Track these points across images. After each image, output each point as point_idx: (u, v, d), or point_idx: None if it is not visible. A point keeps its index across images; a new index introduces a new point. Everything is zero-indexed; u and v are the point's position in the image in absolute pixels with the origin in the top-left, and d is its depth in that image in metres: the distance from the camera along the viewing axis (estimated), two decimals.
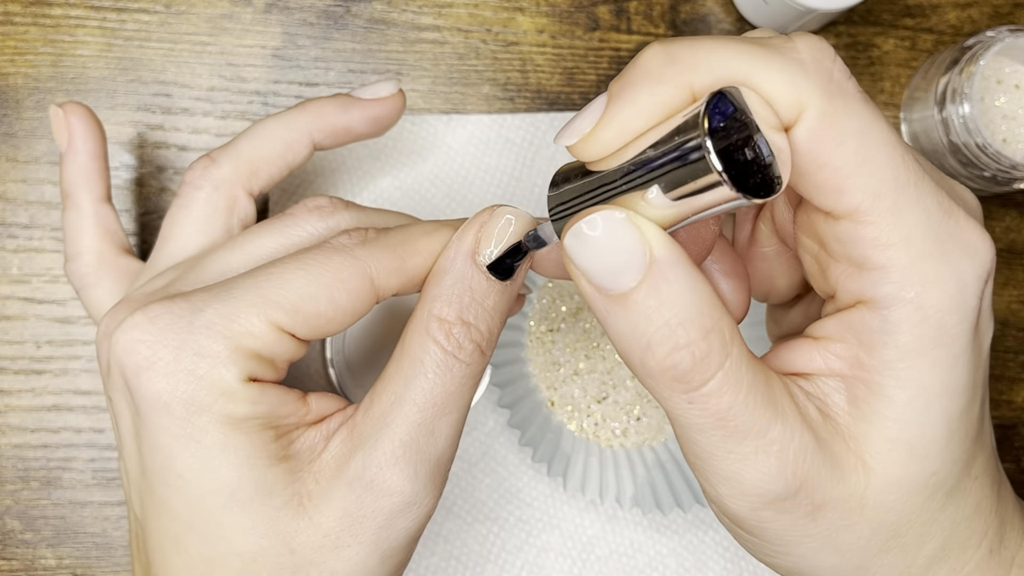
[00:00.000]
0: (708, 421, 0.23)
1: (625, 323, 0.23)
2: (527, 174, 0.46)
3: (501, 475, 0.45)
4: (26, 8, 0.45)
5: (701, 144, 0.20)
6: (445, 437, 0.27)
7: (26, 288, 0.44)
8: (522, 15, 0.47)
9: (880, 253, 0.23)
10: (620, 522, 0.45)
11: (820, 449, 0.23)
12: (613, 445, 0.45)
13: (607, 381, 0.45)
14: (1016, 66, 0.45)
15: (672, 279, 0.22)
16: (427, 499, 0.27)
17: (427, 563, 0.45)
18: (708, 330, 0.22)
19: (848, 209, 0.23)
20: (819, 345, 0.25)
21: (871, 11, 0.48)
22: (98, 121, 0.38)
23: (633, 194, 0.22)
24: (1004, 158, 0.43)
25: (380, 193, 0.46)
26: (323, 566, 0.26)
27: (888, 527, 0.24)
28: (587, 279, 0.23)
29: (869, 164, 0.22)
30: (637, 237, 0.22)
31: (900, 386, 0.23)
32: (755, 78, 0.22)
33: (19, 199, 0.44)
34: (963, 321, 0.23)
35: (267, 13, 0.46)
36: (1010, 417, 0.48)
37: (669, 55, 0.22)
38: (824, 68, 0.22)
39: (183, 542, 0.27)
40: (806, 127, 0.22)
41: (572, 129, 0.23)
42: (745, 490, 0.23)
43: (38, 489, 0.44)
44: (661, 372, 0.22)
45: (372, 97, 0.38)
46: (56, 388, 0.44)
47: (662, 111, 0.22)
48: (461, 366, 0.26)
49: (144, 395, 0.26)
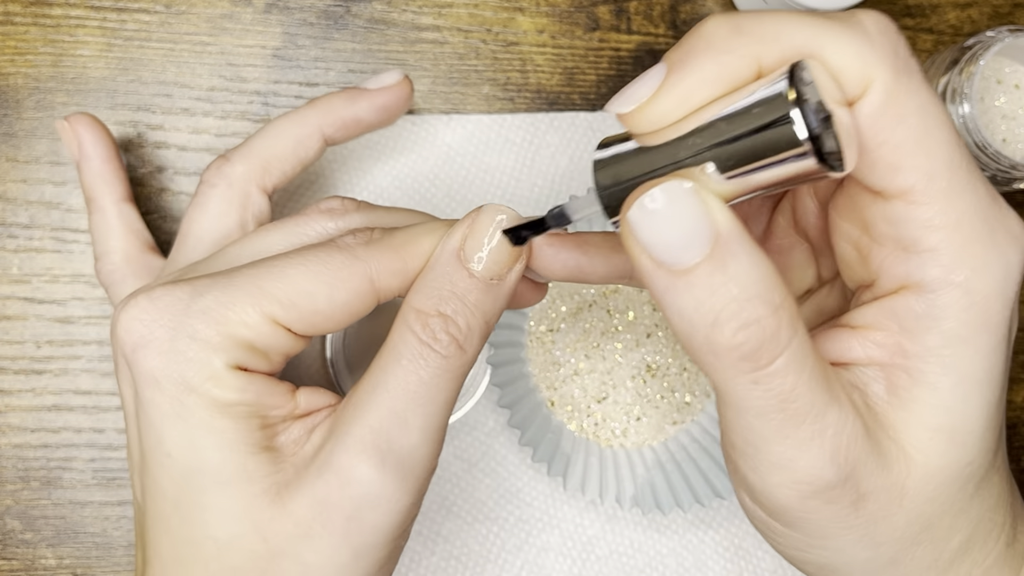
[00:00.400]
0: (771, 403, 0.22)
1: (689, 299, 0.22)
2: (527, 174, 0.46)
3: (501, 475, 0.45)
4: (26, 8, 0.45)
5: (787, 113, 0.20)
6: (419, 430, 0.26)
7: (26, 288, 0.44)
8: (522, 15, 0.47)
9: (931, 235, 0.22)
10: (620, 522, 0.45)
11: (868, 437, 0.23)
12: (613, 445, 0.45)
13: (607, 381, 0.45)
14: (1016, 66, 0.45)
15: (739, 254, 0.21)
16: (396, 494, 0.26)
17: (427, 563, 0.45)
18: (777, 306, 0.21)
19: (902, 188, 0.22)
20: (858, 334, 0.24)
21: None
22: (105, 127, 0.39)
23: (691, 169, 0.22)
24: (1004, 158, 0.43)
25: (380, 193, 0.46)
26: (296, 557, 0.26)
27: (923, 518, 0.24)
28: (650, 254, 0.22)
29: (927, 144, 0.22)
30: (704, 210, 0.21)
31: (944, 373, 0.23)
32: (824, 51, 0.22)
33: (19, 199, 0.44)
34: (1005, 308, 0.23)
35: (267, 13, 0.46)
36: (1010, 417, 0.48)
37: (735, 25, 0.22)
38: (891, 43, 0.22)
39: (170, 522, 0.27)
40: (872, 101, 0.22)
41: (627, 96, 0.22)
42: (798, 477, 0.23)
43: (38, 489, 0.44)
44: (729, 350, 0.22)
45: (378, 87, 0.39)
46: (56, 388, 0.44)
47: (728, 82, 0.22)
48: (436, 356, 0.26)
49: (139, 372, 0.26)
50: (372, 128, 0.39)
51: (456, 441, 0.45)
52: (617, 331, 0.45)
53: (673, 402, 0.45)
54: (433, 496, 0.45)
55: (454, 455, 0.45)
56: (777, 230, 0.29)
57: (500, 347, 0.43)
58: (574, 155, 0.46)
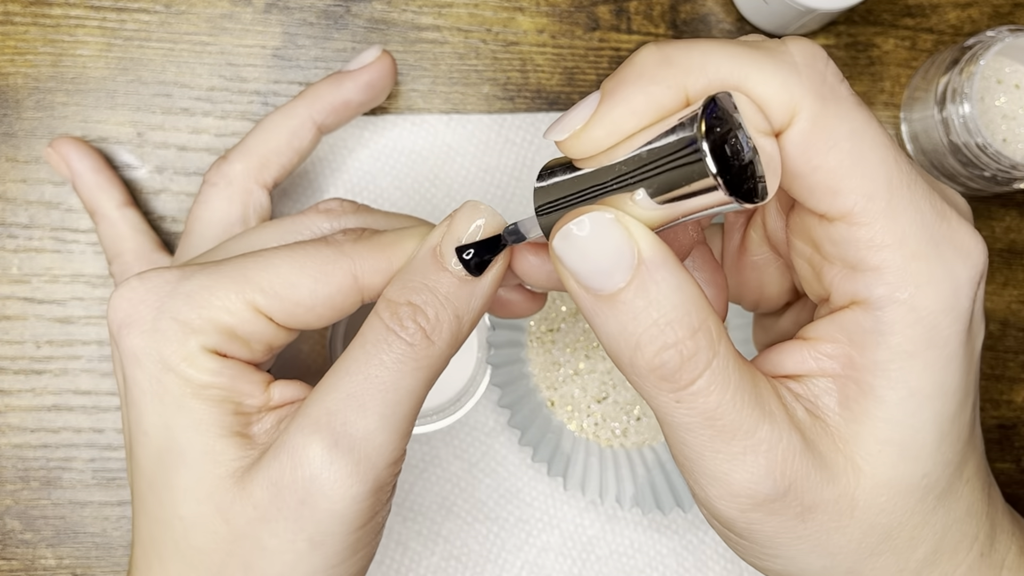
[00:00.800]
0: (696, 420, 0.23)
1: (614, 323, 0.23)
2: (527, 174, 0.46)
3: (501, 475, 0.45)
4: (26, 8, 0.45)
5: (698, 147, 0.20)
6: (378, 416, 0.25)
7: (26, 288, 0.44)
8: (522, 15, 0.47)
9: (874, 255, 0.23)
10: (620, 522, 0.45)
11: (808, 450, 0.23)
12: (613, 445, 0.45)
13: (607, 381, 0.45)
14: (1016, 66, 0.45)
15: (660, 279, 0.22)
16: (348, 479, 0.25)
17: (427, 563, 0.45)
18: (695, 329, 0.22)
19: (842, 211, 0.23)
20: (810, 346, 0.25)
21: (871, 11, 0.48)
22: (86, 143, 0.42)
23: (622, 194, 0.22)
24: (1004, 158, 0.43)
25: (380, 193, 0.46)
26: (256, 540, 0.26)
27: (879, 529, 0.24)
28: (576, 280, 0.23)
29: (863, 166, 0.22)
30: (625, 238, 0.22)
31: (891, 387, 0.23)
32: (749, 81, 0.22)
33: (19, 199, 0.44)
34: (956, 323, 0.23)
35: (267, 13, 0.46)
36: (1010, 417, 0.48)
37: (664, 56, 0.23)
38: (817, 71, 0.23)
39: (146, 502, 0.27)
40: (799, 130, 0.22)
41: (563, 125, 0.23)
42: (734, 491, 0.23)
43: (38, 489, 0.44)
44: (649, 371, 0.23)
45: (360, 66, 0.40)
46: (56, 388, 0.44)
47: (655, 111, 0.22)
48: (400, 343, 0.26)
49: (123, 350, 0.27)
50: (363, 108, 0.41)
51: (456, 441, 0.45)
52: None
53: None
54: (433, 496, 0.45)
55: (454, 455, 0.45)
56: (751, 245, 0.29)
57: (500, 347, 0.43)
58: None
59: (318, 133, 0.39)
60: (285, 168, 0.39)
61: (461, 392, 0.41)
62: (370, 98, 0.40)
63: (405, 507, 0.45)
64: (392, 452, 0.26)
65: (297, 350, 0.38)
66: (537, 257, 0.27)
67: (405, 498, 0.45)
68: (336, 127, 0.40)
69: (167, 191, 0.45)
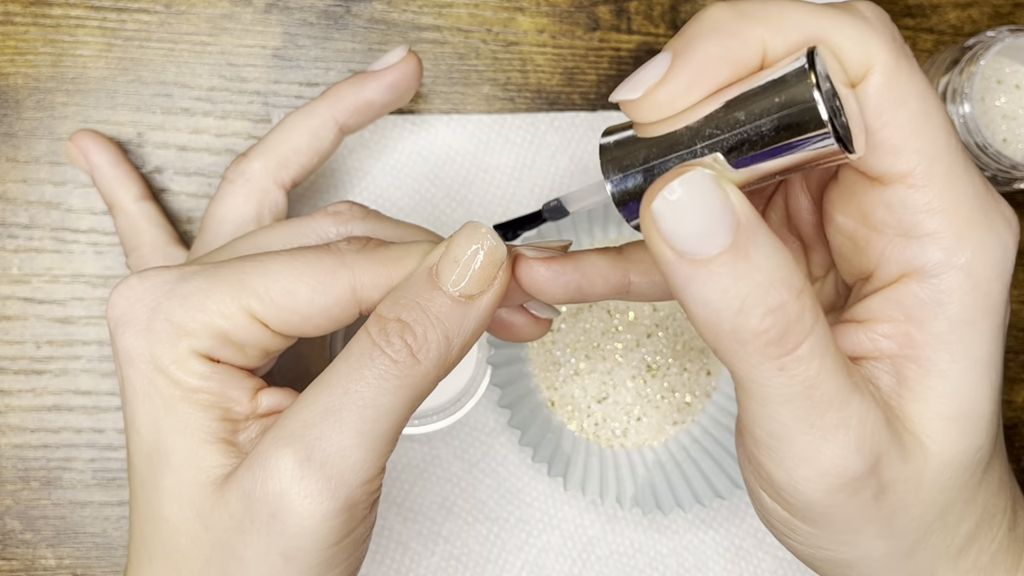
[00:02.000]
0: (797, 389, 0.22)
1: (714, 288, 0.22)
2: (527, 174, 0.46)
3: (501, 475, 0.45)
4: (26, 8, 0.45)
5: (810, 96, 0.20)
6: (354, 432, 0.25)
7: (26, 288, 0.44)
8: (522, 15, 0.47)
9: (931, 218, 0.23)
10: (620, 522, 0.45)
11: (889, 425, 0.23)
12: (613, 445, 0.45)
13: (607, 381, 0.45)
14: (1016, 66, 0.45)
15: (760, 241, 0.21)
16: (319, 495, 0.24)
17: (427, 563, 0.45)
18: (800, 290, 0.22)
19: (903, 171, 0.23)
20: (864, 328, 0.24)
21: None
22: (105, 137, 0.42)
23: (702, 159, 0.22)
24: (1004, 158, 0.43)
25: (380, 193, 0.46)
26: (233, 549, 0.26)
27: (937, 507, 0.24)
28: (672, 245, 0.22)
29: (927, 128, 0.22)
30: (724, 199, 0.21)
31: (954, 359, 0.23)
32: (828, 35, 0.22)
33: (19, 199, 0.44)
34: (1003, 291, 0.23)
35: (267, 13, 0.46)
36: (1010, 417, 0.48)
37: (739, 11, 0.22)
38: (888, 29, 0.23)
39: (138, 500, 0.27)
40: (875, 83, 0.22)
41: (635, 82, 0.22)
42: (823, 468, 0.23)
43: (38, 489, 0.44)
44: (755, 336, 0.22)
45: (384, 66, 0.39)
46: (56, 388, 0.44)
47: (735, 66, 0.22)
48: (384, 359, 0.25)
49: (118, 348, 0.27)
50: (387, 108, 0.40)
51: (456, 441, 0.45)
52: (617, 331, 0.45)
53: (673, 402, 0.45)
54: (433, 496, 0.45)
55: (454, 455, 0.45)
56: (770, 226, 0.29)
57: (500, 347, 0.43)
58: (574, 155, 0.46)
59: (340, 134, 0.39)
60: (305, 168, 0.38)
61: (461, 392, 0.41)
62: (394, 99, 0.40)
63: (405, 507, 0.45)
64: (367, 470, 0.25)
65: (298, 352, 0.38)
66: (549, 270, 0.27)
67: (405, 498, 0.45)
68: (359, 128, 0.40)
69: (167, 191, 0.45)
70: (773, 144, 0.21)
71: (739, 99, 0.22)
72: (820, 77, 0.21)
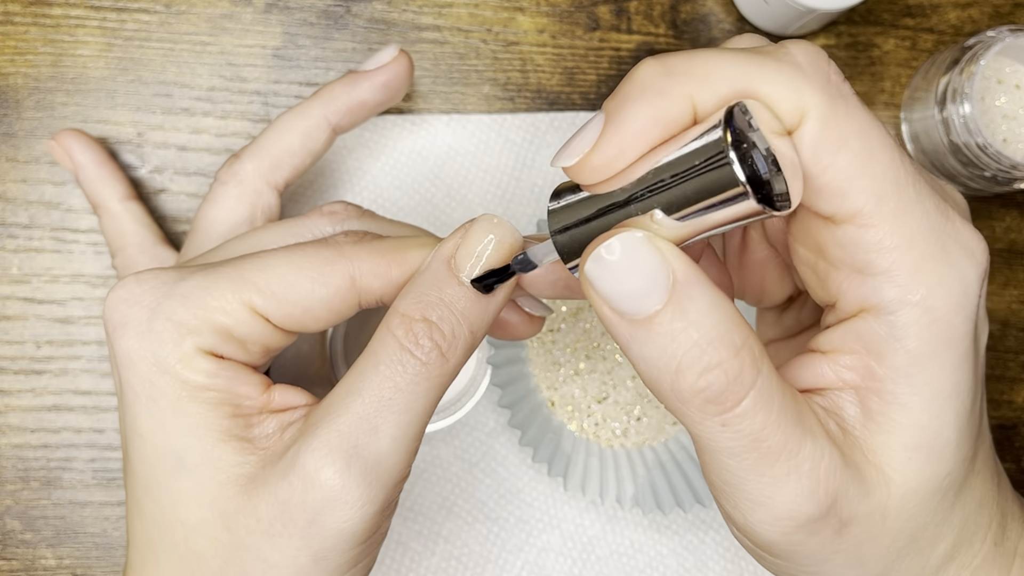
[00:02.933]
0: (742, 443, 0.22)
1: (652, 348, 0.22)
2: (527, 174, 0.46)
3: (501, 475, 0.45)
4: (26, 8, 0.45)
5: (726, 156, 0.20)
6: (390, 438, 0.25)
7: (26, 288, 0.44)
8: (522, 15, 0.47)
9: (884, 257, 0.22)
10: (620, 522, 0.45)
11: (847, 465, 0.23)
12: (613, 445, 0.45)
13: (607, 381, 0.45)
14: (1017, 66, 0.45)
15: (697, 298, 0.21)
16: (359, 500, 0.25)
17: (427, 563, 0.45)
18: (739, 347, 0.22)
19: (851, 212, 0.22)
20: (828, 359, 0.24)
21: (871, 11, 0.48)
22: (90, 136, 0.41)
23: (642, 215, 0.22)
24: (1004, 158, 0.43)
25: (380, 193, 0.46)
26: (257, 552, 0.26)
27: (907, 533, 0.24)
28: (609, 305, 0.22)
29: (871, 166, 0.22)
30: (658, 258, 0.21)
31: (915, 392, 0.23)
32: (755, 86, 0.22)
33: (19, 199, 0.44)
34: (967, 321, 0.23)
35: (267, 13, 0.46)
36: (1010, 417, 0.48)
37: (666, 68, 0.22)
38: (822, 71, 0.22)
39: (142, 504, 0.27)
40: (810, 129, 0.22)
41: (570, 150, 0.23)
42: (778, 514, 0.23)
43: (38, 489, 0.44)
44: (693, 395, 0.22)
45: (377, 65, 0.39)
46: (56, 388, 0.44)
47: (664, 127, 0.22)
48: (415, 363, 0.25)
49: (117, 352, 0.26)
50: (380, 108, 0.40)
51: (456, 441, 0.45)
52: None
53: None
54: (433, 496, 0.45)
55: (454, 455, 0.45)
56: (751, 243, 0.29)
57: (501, 347, 0.43)
58: None
59: (333, 134, 0.39)
60: (298, 169, 0.38)
61: (461, 392, 0.41)
62: (386, 99, 0.39)
63: (405, 507, 0.45)
64: (402, 470, 0.26)
65: (297, 352, 0.38)
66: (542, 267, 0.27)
67: (405, 498, 0.45)
68: (351, 128, 0.39)
69: (167, 191, 0.45)
70: (700, 206, 0.21)
71: (666, 164, 0.21)
72: (742, 134, 0.20)
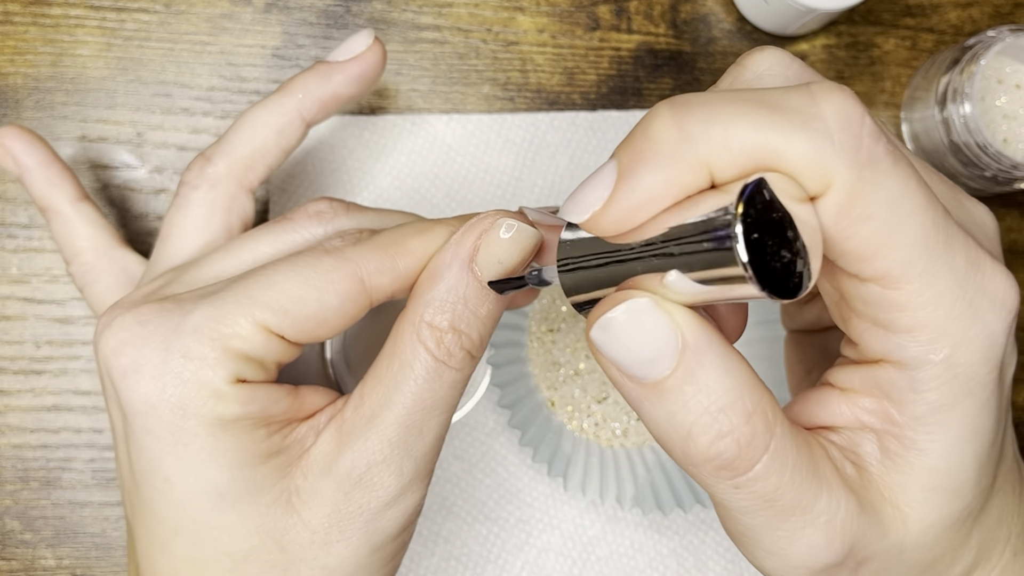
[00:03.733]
0: (755, 504, 0.22)
1: (662, 412, 0.21)
2: (527, 174, 0.46)
3: (501, 475, 0.45)
4: (26, 8, 0.45)
5: (732, 241, 0.19)
6: (433, 436, 0.27)
7: (26, 288, 0.44)
8: (522, 15, 0.47)
9: (908, 316, 0.22)
10: (621, 522, 0.45)
11: (863, 511, 0.23)
12: (613, 445, 0.45)
13: (607, 381, 0.45)
14: (1017, 66, 0.45)
15: (707, 363, 0.21)
16: (414, 493, 0.27)
17: (427, 563, 0.45)
18: (750, 413, 0.21)
19: (876, 275, 0.21)
20: (847, 398, 0.24)
21: (872, 11, 0.48)
22: (34, 133, 0.37)
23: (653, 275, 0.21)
24: (1005, 158, 0.42)
25: (380, 193, 0.45)
26: (313, 562, 0.26)
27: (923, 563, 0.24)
28: (618, 369, 0.22)
29: (899, 234, 0.21)
30: (667, 322, 0.21)
31: (933, 439, 0.23)
32: (779, 155, 0.20)
33: (19, 199, 0.44)
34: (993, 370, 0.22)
35: (267, 13, 0.46)
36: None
37: (682, 131, 0.21)
38: (852, 134, 0.21)
39: (169, 546, 0.27)
40: (834, 201, 0.21)
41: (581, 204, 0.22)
42: (793, 563, 0.23)
43: (38, 489, 0.44)
44: (704, 461, 0.21)
45: (349, 56, 0.36)
46: (56, 388, 0.44)
47: (677, 192, 0.21)
48: (451, 372, 0.26)
49: (130, 398, 0.26)
50: (354, 99, 0.38)
51: (456, 441, 0.45)
52: None
53: None
54: (433, 496, 0.45)
55: (454, 455, 0.45)
56: None
57: (501, 347, 0.42)
58: (574, 155, 0.46)
59: (306, 129, 0.36)
60: (271, 168, 0.36)
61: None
62: (360, 91, 0.37)
63: None
64: (438, 454, 0.28)
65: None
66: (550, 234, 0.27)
67: None
68: (322, 120, 0.37)
69: (167, 191, 0.45)
70: (705, 278, 0.20)
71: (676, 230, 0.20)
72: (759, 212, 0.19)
